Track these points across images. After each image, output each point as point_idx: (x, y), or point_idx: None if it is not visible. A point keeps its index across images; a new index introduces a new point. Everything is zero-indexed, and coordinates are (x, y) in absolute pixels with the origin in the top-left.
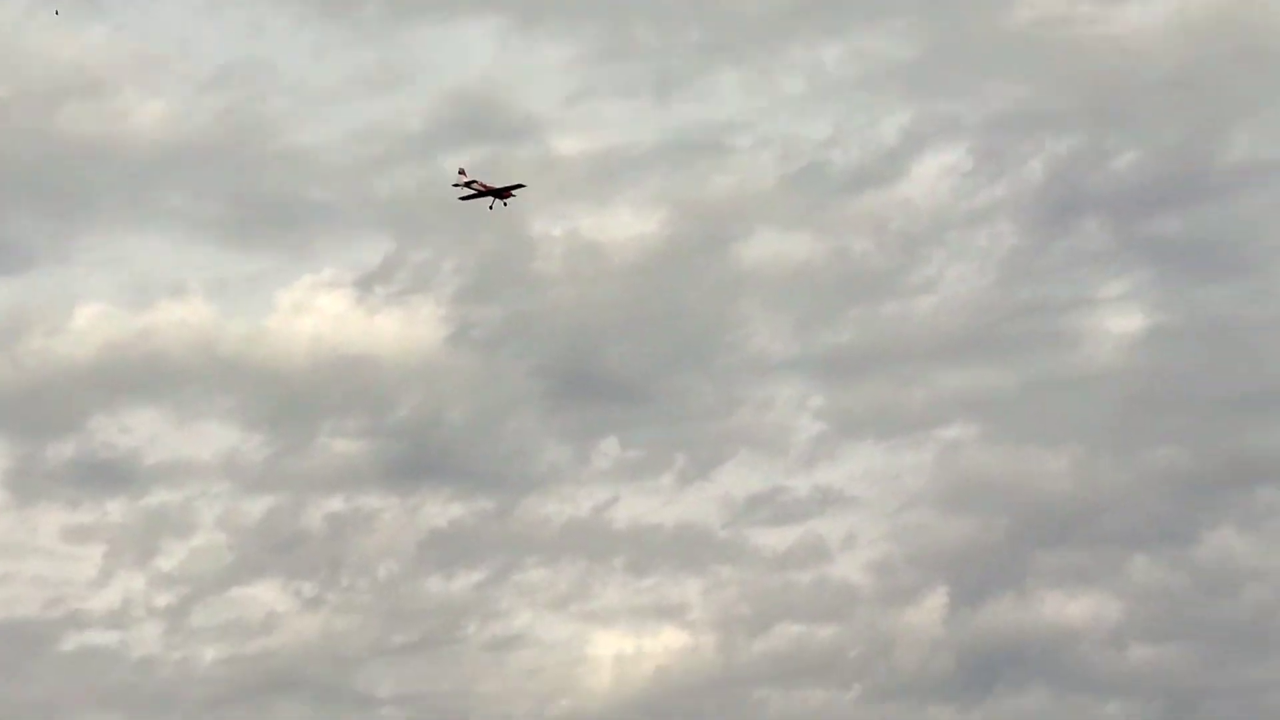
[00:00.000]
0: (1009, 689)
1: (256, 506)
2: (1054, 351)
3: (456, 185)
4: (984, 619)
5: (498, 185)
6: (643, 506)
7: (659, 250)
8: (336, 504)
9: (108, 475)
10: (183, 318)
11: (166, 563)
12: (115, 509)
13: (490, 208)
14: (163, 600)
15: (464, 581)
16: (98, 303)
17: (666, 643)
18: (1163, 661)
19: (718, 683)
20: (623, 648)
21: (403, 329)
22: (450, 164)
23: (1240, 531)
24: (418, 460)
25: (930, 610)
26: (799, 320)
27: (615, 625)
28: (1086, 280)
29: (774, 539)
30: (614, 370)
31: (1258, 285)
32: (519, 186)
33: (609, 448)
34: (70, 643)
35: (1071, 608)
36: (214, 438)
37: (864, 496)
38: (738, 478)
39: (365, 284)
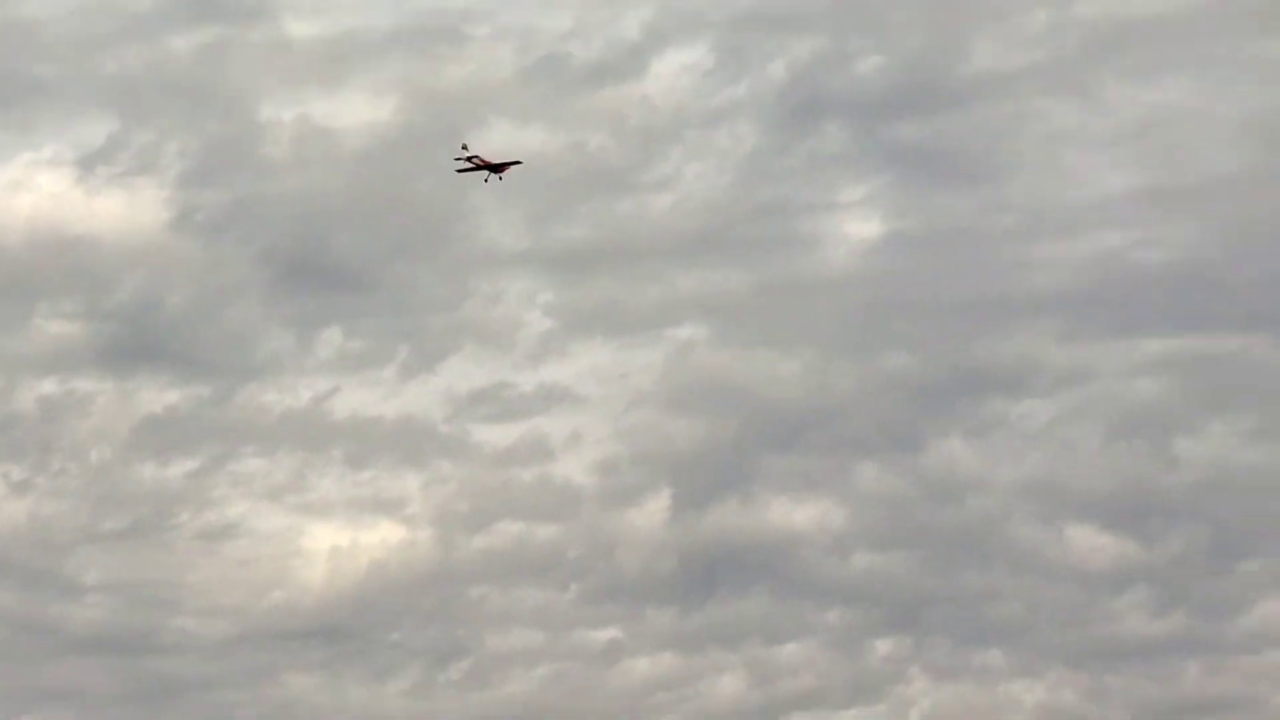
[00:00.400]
0: (731, 593)
1: None
2: (790, 254)
3: (459, 159)
4: (708, 522)
5: (495, 161)
6: (364, 398)
7: (390, 138)
8: (49, 386)
9: None
10: None
11: None
12: None
13: (485, 180)
14: None
15: (178, 469)
16: None
17: (383, 537)
18: (886, 569)
19: (434, 579)
20: (338, 540)
21: (125, 211)
22: (178, 44)
23: (967, 440)
24: (135, 344)
25: (653, 512)
26: (531, 214)
27: (332, 518)
28: (825, 184)
29: (497, 435)
30: (340, 259)
31: (996, 195)
32: (516, 163)
33: (331, 337)
34: None
35: (796, 513)
36: None
37: (591, 395)
38: (462, 372)
39: (87, 164)
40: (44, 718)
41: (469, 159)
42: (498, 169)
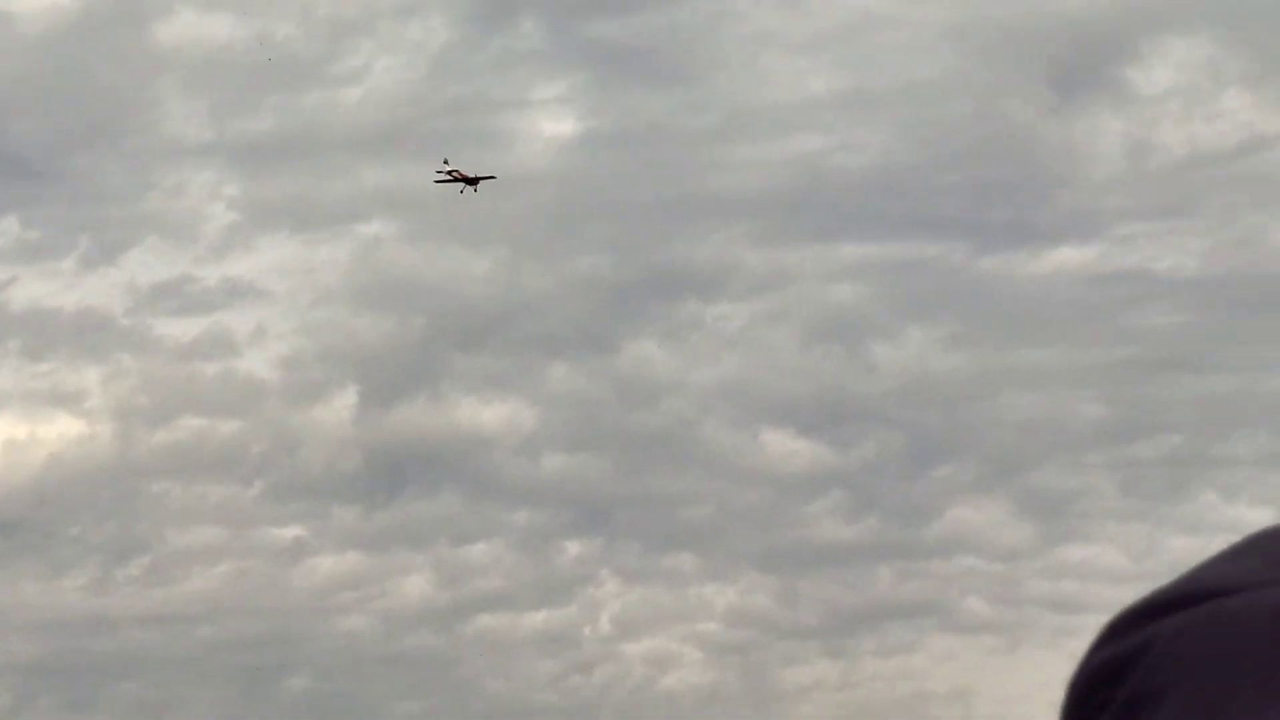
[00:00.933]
0: (418, 493)
1: None
2: (483, 151)
3: (439, 173)
4: (395, 421)
5: (471, 175)
6: (42, 289)
7: (72, 23)
8: None
9: None
10: None
11: None
12: None
13: (461, 192)
14: None
15: None
16: None
17: (61, 430)
18: (577, 470)
19: (114, 473)
20: (14, 433)
21: None
22: None
23: (661, 343)
24: None
25: (339, 409)
26: (216, 105)
27: (7, 410)
28: (519, 80)
29: (179, 329)
30: (16, 146)
31: (694, 95)
32: (490, 178)
33: (8, 226)
34: None
35: (486, 413)
36: None
37: (276, 290)
38: (144, 265)
39: None
40: None
41: (448, 173)
42: (473, 182)
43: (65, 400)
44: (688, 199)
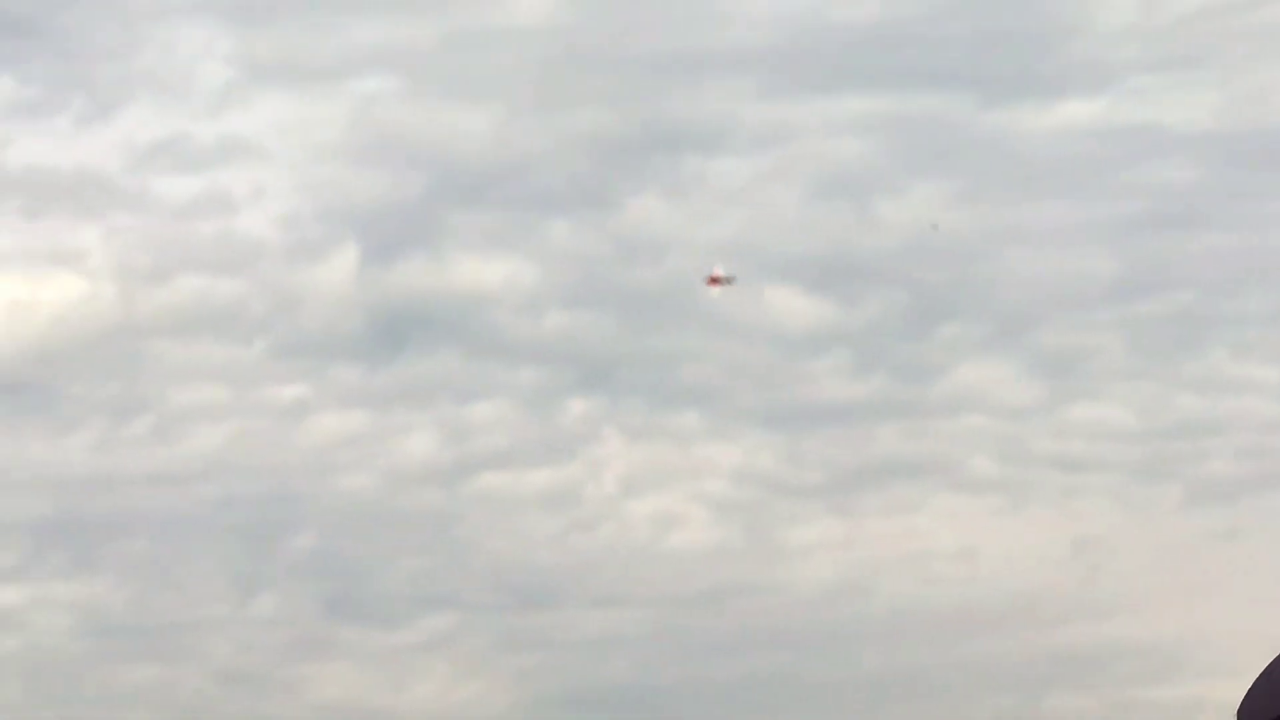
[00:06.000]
0: (420, 351)
1: None
2: (479, 5)
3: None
4: (395, 279)
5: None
6: (38, 148)
7: None
8: None
9: None
10: None
11: None
12: None
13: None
14: None
15: None
16: None
17: (63, 290)
18: (579, 328)
19: (115, 332)
20: (16, 294)
21: None
22: None
23: (663, 198)
24: None
25: (339, 268)
26: None
27: (8, 270)
28: None
29: (177, 187)
30: (8, 3)
31: None
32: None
33: (2, 84)
34: None
35: (486, 271)
36: None
37: (273, 147)
38: (139, 122)
39: None
40: None
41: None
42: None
43: (65, 259)
44: (687, 52)
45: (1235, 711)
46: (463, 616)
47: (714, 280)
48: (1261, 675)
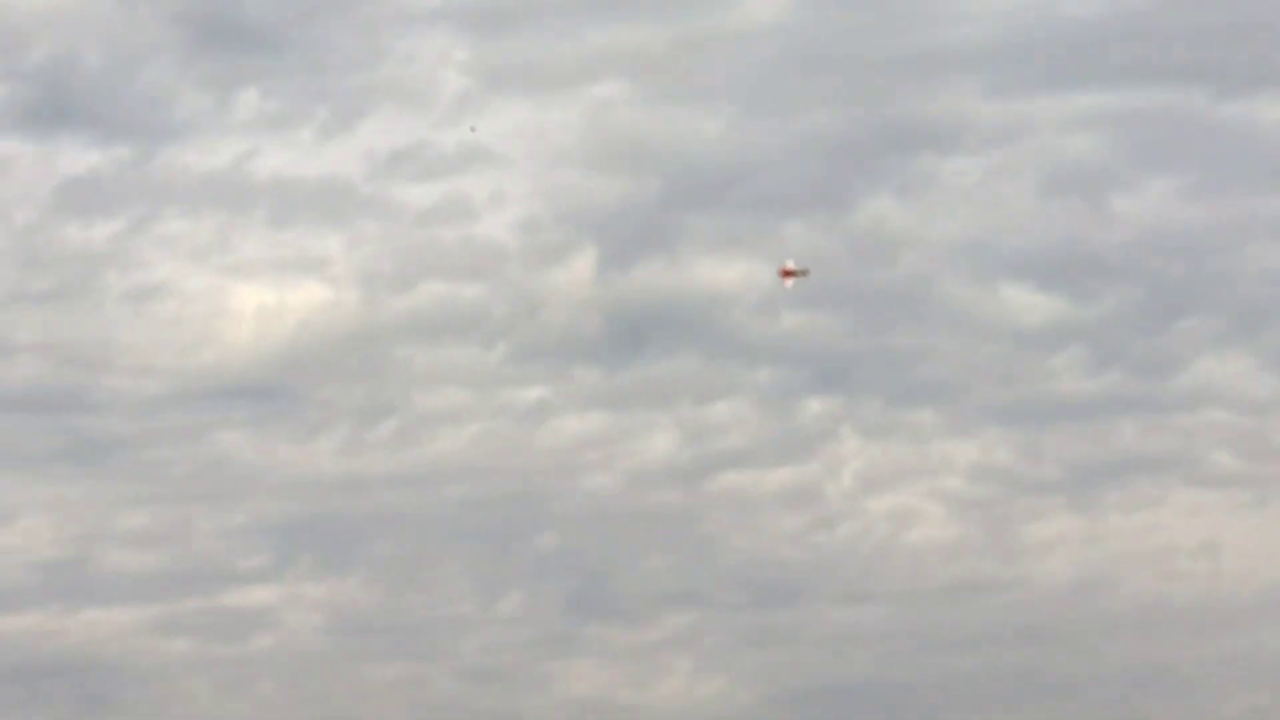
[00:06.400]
0: (659, 352)
1: None
2: (709, 7)
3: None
4: (633, 281)
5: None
6: (284, 158)
7: None
8: None
9: None
10: None
11: None
12: None
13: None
14: None
15: (102, 230)
16: None
17: (308, 296)
18: (816, 328)
19: (361, 338)
20: (264, 300)
21: None
22: None
23: (897, 198)
24: (53, 106)
25: (578, 271)
26: None
27: (257, 278)
28: None
29: (418, 195)
30: (254, 19)
31: None
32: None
33: (249, 98)
34: None
35: (723, 272)
36: None
37: (511, 154)
38: (381, 131)
39: None
40: None
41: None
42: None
43: (311, 267)
44: (918, 51)
45: None
46: (705, 614)
47: (787, 273)
48: None
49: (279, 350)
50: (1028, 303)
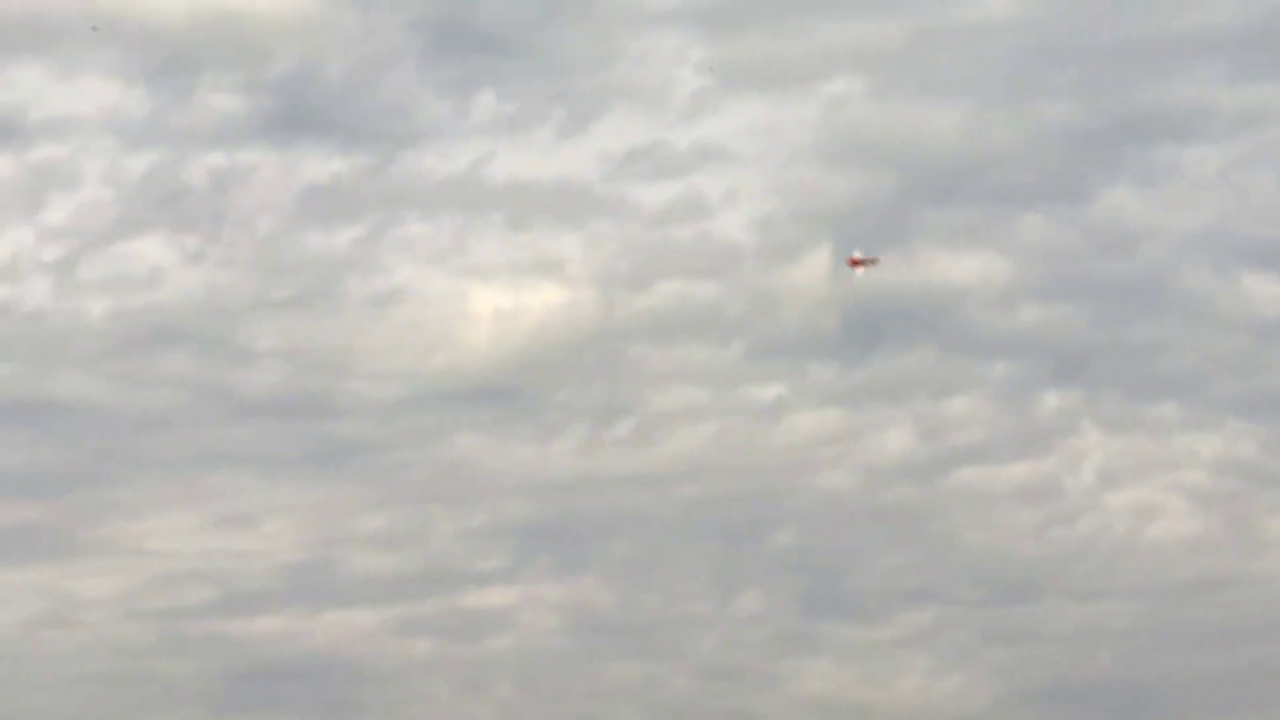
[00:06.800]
0: (894, 348)
1: (139, 161)
2: (944, 1)
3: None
4: (869, 277)
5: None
6: (520, 161)
7: None
8: (217, 159)
9: None
10: None
11: (53, 217)
12: (1, 164)
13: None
14: (51, 254)
15: (343, 236)
16: None
17: (545, 298)
18: (1053, 321)
19: (597, 338)
20: (501, 302)
21: None
22: None
23: (1135, 189)
24: (296, 114)
25: (813, 268)
26: None
27: (494, 280)
28: None
29: (654, 194)
30: (490, 22)
31: None
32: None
33: (485, 101)
34: None
35: (959, 266)
36: (96, 93)
37: (746, 151)
38: (616, 132)
39: None
40: (225, 479)
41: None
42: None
43: (548, 268)
44: (1157, 39)
45: None
46: (943, 611)
47: (855, 262)
48: None
49: (516, 352)
50: (1270, 293)
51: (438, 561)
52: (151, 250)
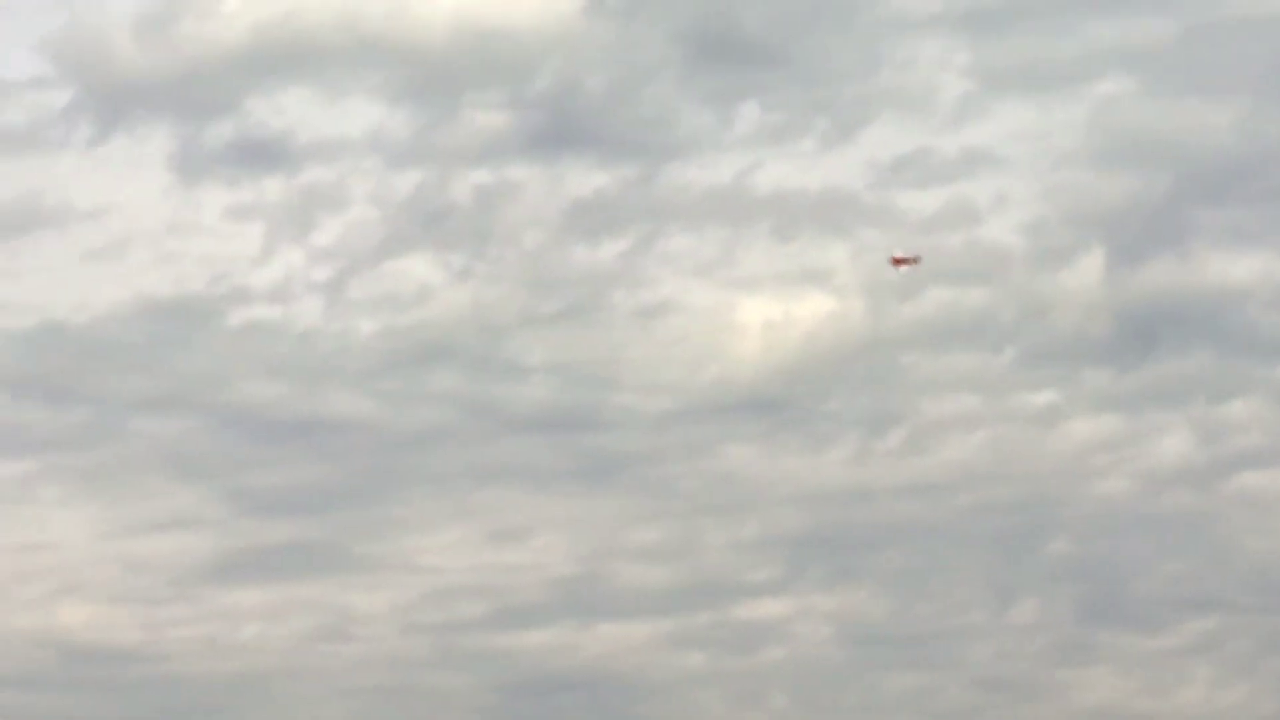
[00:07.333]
0: (1169, 352)
1: (405, 180)
2: None
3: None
4: (1143, 280)
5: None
6: (785, 171)
7: None
8: (482, 176)
9: (264, 154)
10: None
11: (323, 238)
12: (272, 187)
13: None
14: (321, 275)
15: (609, 250)
16: None
17: (814, 308)
18: None
19: (867, 347)
20: (770, 313)
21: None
22: None
23: None
24: (559, 130)
25: (1086, 272)
26: None
27: (761, 291)
28: None
29: (921, 201)
30: (753, 32)
31: None
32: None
33: (749, 112)
34: (236, 317)
35: (1236, 267)
36: (361, 114)
37: (1014, 156)
38: (882, 139)
39: None
40: (495, 494)
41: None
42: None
43: (815, 278)
44: None
45: None
46: (1226, 619)
47: (898, 261)
48: None
49: (786, 363)
50: None
51: (709, 573)
52: (419, 268)
